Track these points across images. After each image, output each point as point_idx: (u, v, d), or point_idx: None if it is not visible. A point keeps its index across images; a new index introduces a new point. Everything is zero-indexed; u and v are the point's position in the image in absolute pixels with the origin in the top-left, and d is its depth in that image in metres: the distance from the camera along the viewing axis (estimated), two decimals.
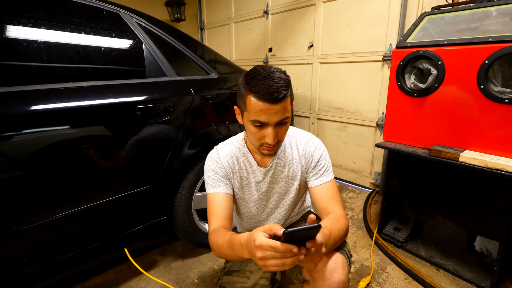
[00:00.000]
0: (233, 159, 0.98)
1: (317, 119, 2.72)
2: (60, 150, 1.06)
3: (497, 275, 1.29)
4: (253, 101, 0.78)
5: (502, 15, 1.30)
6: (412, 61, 1.45)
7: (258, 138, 0.84)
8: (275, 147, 0.86)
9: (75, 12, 1.24)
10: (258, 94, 0.76)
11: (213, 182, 0.97)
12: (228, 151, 0.99)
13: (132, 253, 1.32)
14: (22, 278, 1.04)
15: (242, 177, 1.00)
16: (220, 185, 0.96)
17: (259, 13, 3.06)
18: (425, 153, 1.41)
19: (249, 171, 0.99)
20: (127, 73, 1.35)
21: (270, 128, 0.80)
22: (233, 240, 0.75)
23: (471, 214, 1.35)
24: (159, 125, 1.32)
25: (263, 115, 0.78)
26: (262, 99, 0.76)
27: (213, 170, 0.97)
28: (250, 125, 0.83)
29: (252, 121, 0.81)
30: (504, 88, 1.20)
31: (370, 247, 1.69)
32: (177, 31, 1.65)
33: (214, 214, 0.92)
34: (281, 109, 0.78)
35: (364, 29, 2.22)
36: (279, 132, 0.83)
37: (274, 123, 0.79)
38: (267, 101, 0.76)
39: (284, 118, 0.80)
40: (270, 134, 0.80)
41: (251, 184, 1.01)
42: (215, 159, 0.98)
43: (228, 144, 1.02)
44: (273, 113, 0.77)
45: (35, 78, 1.08)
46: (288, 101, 0.80)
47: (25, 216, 1.00)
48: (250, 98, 0.78)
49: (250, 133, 0.85)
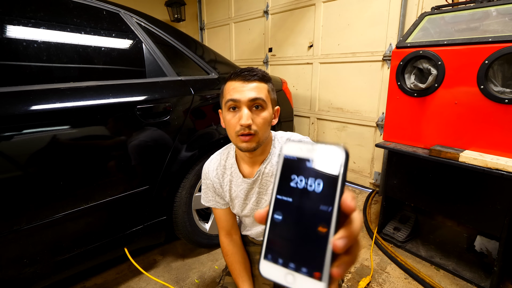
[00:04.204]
0: (221, 172, 0.97)
1: (317, 119, 2.72)
2: (60, 150, 1.06)
3: (497, 275, 1.29)
4: (228, 84, 0.82)
5: (502, 15, 1.31)
6: (412, 61, 1.45)
7: (233, 125, 0.80)
8: (252, 137, 0.79)
9: (75, 12, 1.24)
10: (233, 75, 0.82)
11: (205, 195, 1.03)
12: (217, 163, 0.98)
13: (132, 253, 1.32)
14: (22, 278, 1.04)
15: (231, 190, 0.97)
16: (211, 200, 1.01)
17: (259, 13, 3.06)
18: (425, 153, 1.41)
19: (236, 183, 0.95)
20: (127, 73, 1.35)
21: (244, 107, 0.78)
22: (236, 279, 0.95)
23: (471, 214, 1.35)
24: (159, 125, 1.32)
25: (236, 92, 0.79)
26: (234, 78, 0.81)
27: (204, 183, 1.02)
28: (226, 112, 0.82)
29: (226, 104, 0.80)
30: (504, 88, 1.20)
31: (370, 247, 1.69)
32: (177, 31, 1.65)
33: (218, 224, 1.05)
34: (254, 88, 0.79)
35: (364, 29, 2.22)
36: (254, 118, 0.79)
37: (247, 100, 0.78)
38: (239, 79, 0.80)
39: (258, 98, 0.78)
40: (243, 114, 0.78)
41: (239, 197, 0.96)
42: (205, 173, 1.00)
43: (220, 153, 1.00)
44: (245, 90, 0.78)
45: (35, 78, 1.08)
46: (264, 87, 0.82)
47: (25, 216, 1.00)
48: (226, 84, 0.83)
49: (227, 123, 0.82)
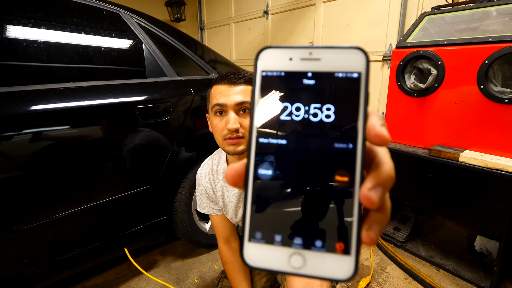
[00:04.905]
0: (214, 176, 0.98)
1: None
2: (60, 150, 1.06)
3: (497, 275, 1.29)
4: (214, 88, 0.82)
5: (502, 15, 1.30)
6: (412, 61, 1.45)
7: (221, 129, 0.79)
8: (239, 140, 0.78)
9: (75, 12, 1.24)
10: (218, 79, 0.81)
11: (200, 202, 1.04)
12: (209, 168, 0.99)
13: (132, 253, 1.32)
14: (22, 278, 1.04)
15: (223, 195, 0.97)
16: (206, 207, 1.03)
17: (259, 13, 3.06)
18: (425, 153, 1.41)
19: (228, 188, 0.95)
20: (127, 73, 1.35)
21: (231, 111, 0.78)
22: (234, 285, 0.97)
23: (471, 214, 1.35)
24: (159, 125, 1.32)
25: (222, 96, 0.78)
26: (220, 82, 0.80)
27: (198, 190, 1.03)
28: (213, 117, 0.81)
29: (213, 108, 0.80)
30: (504, 88, 1.20)
31: (370, 247, 1.69)
32: (177, 31, 1.65)
33: (216, 232, 1.06)
34: (241, 91, 0.78)
35: (364, 29, 2.22)
36: (242, 121, 0.78)
37: (233, 104, 0.77)
38: (225, 83, 0.79)
39: (245, 101, 0.78)
40: (230, 118, 0.77)
41: (232, 203, 0.96)
42: (198, 179, 1.02)
43: (212, 158, 1.01)
44: (232, 93, 0.78)
45: (35, 78, 1.08)
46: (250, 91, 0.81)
47: (25, 216, 1.00)
48: (212, 88, 0.82)
49: (214, 127, 0.82)
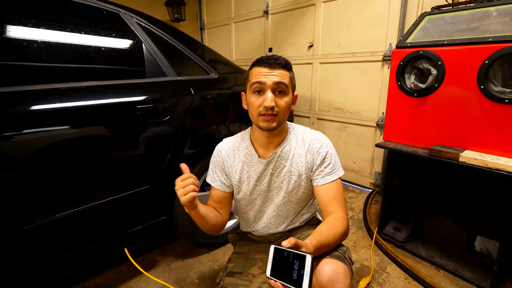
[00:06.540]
0: (235, 152, 1.03)
1: (317, 119, 2.72)
2: (60, 150, 1.06)
3: (497, 275, 1.29)
4: (254, 69, 0.91)
5: (502, 15, 1.30)
6: (412, 61, 1.45)
7: (257, 106, 0.89)
8: (273, 118, 0.88)
9: (75, 12, 1.23)
10: (259, 62, 0.90)
11: (212, 173, 1.07)
12: (231, 144, 1.05)
13: (132, 253, 1.32)
14: (22, 278, 1.04)
15: (242, 170, 1.01)
16: (216, 180, 1.05)
17: (259, 13, 3.06)
18: (425, 153, 1.41)
19: (249, 164, 1.00)
20: (127, 73, 1.35)
21: (268, 91, 0.87)
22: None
23: (471, 214, 1.35)
24: (159, 125, 1.32)
25: (262, 76, 0.87)
26: (261, 64, 0.89)
27: (213, 162, 1.06)
28: (251, 95, 0.90)
29: (252, 86, 0.89)
30: (504, 88, 1.20)
31: (370, 247, 1.69)
32: (177, 31, 1.65)
33: (208, 202, 1.08)
34: (279, 74, 0.88)
35: (364, 29, 2.22)
36: (277, 102, 0.88)
37: (272, 83, 0.87)
38: (265, 66, 0.88)
39: (282, 82, 0.87)
40: (267, 97, 0.86)
41: (251, 178, 1.00)
42: (217, 150, 1.06)
43: (234, 137, 1.07)
44: (271, 75, 0.87)
45: (35, 78, 1.08)
46: (287, 74, 0.90)
47: (25, 216, 1.00)
48: (253, 69, 0.92)
49: (250, 104, 0.91)
